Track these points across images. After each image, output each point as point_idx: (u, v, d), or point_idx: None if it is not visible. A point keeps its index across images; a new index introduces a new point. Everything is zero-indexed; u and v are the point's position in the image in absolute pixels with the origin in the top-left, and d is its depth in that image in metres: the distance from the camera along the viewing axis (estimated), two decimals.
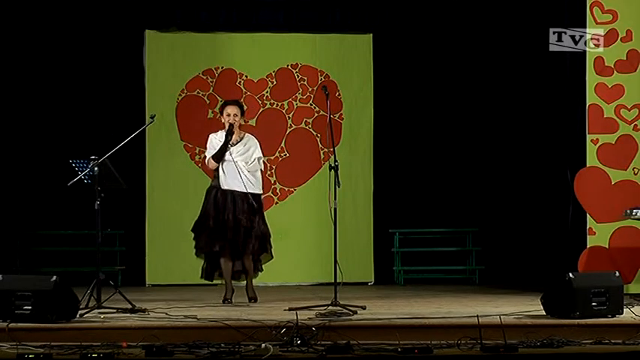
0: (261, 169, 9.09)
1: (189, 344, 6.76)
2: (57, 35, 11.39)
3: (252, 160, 8.96)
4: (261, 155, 9.06)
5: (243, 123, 9.15)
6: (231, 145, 8.95)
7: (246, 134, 9.13)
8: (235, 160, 8.86)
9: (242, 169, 8.88)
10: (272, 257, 9.26)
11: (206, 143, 9.10)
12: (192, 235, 9.04)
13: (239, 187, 8.86)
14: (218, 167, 8.94)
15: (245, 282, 9.15)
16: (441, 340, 6.98)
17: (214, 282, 9.29)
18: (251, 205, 8.89)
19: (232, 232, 8.83)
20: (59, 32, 11.38)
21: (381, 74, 11.85)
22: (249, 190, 8.88)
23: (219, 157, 8.92)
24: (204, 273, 9.12)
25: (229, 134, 8.92)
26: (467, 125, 11.87)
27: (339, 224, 8.44)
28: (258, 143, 9.07)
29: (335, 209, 8.35)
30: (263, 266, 9.29)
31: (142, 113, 11.34)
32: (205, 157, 9.17)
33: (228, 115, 8.96)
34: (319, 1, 11.73)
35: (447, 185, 11.89)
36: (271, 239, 9.15)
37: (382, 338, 7.05)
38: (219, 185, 8.96)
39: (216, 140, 9.03)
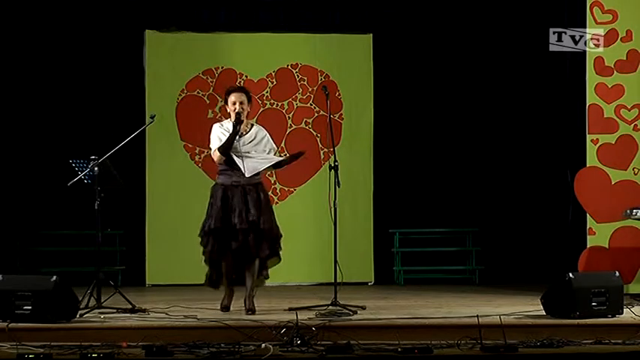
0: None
1: (189, 344, 6.75)
2: (57, 35, 11.38)
3: (268, 151, 8.22)
4: (275, 147, 8.39)
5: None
6: (239, 137, 8.14)
7: (255, 124, 8.38)
8: (245, 152, 8.12)
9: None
10: (280, 260, 8.38)
11: (209, 134, 8.24)
12: (199, 239, 8.19)
13: (248, 180, 8.13)
14: (226, 163, 8.16)
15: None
16: (441, 340, 6.96)
17: None
18: (262, 200, 8.14)
19: (245, 233, 8.06)
20: (59, 32, 11.37)
21: (381, 74, 11.84)
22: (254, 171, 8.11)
23: (226, 148, 8.05)
24: (210, 280, 8.32)
25: (237, 123, 8.07)
26: (467, 125, 11.86)
27: (339, 224, 8.43)
28: (268, 134, 8.31)
29: (335, 209, 8.34)
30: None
31: (142, 113, 11.32)
32: (210, 149, 8.27)
33: (234, 103, 8.13)
34: (319, 1, 11.73)
35: (447, 185, 11.87)
36: (281, 240, 8.33)
37: (382, 338, 7.04)
38: (227, 182, 8.15)
39: (221, 130, 8.17)
